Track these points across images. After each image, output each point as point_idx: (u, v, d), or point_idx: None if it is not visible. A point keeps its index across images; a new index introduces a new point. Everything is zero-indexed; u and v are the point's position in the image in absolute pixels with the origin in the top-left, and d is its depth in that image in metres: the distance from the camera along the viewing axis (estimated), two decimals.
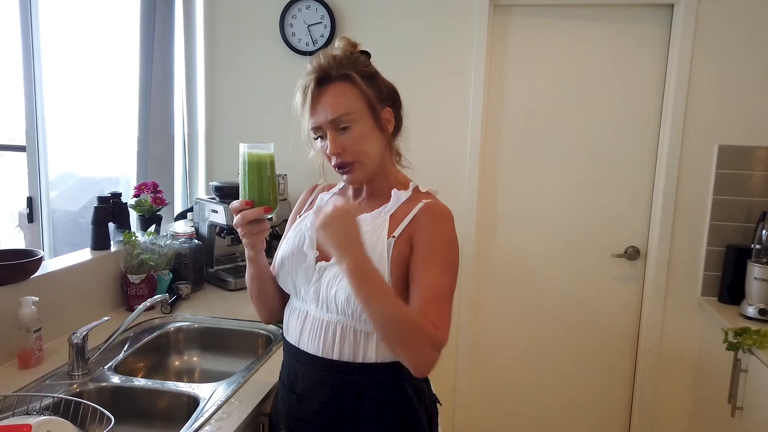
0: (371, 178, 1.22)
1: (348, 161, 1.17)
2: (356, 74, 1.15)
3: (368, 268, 1.02)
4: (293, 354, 1.24)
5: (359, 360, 1.15)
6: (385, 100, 1.20)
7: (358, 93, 1.15)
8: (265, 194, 1.14)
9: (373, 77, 1.19)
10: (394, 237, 1.14)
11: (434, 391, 1.31)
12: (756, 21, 2.28)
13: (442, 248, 1.13)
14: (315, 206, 1.32)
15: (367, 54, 1.23)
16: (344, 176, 1.20)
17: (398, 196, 1.20)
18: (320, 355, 1.18)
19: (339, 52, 1.19)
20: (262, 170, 1.10)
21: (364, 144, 1.16)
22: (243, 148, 1.10)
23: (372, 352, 1.15)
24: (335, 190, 1.35)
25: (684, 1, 2.29)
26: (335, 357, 1.17)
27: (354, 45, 1.21)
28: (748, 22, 2.28)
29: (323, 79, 1.15)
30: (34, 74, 2.12)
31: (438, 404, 1.30)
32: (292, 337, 1.25)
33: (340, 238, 1.02)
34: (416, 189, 1.23)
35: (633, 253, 2.53)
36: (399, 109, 1.25)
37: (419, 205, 1.17)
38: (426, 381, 1.29)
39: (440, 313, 1.07)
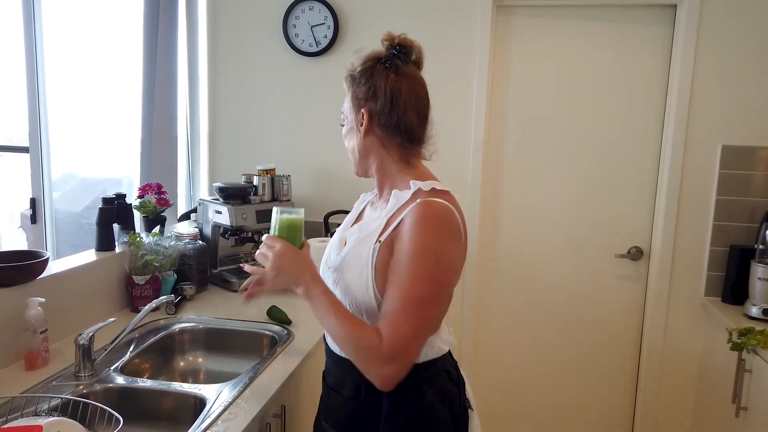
0: (368, 174, 1.28)
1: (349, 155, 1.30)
2: (350, 76, 1.24)
3: (313, 293, 1.15)
4: (326, 348, 1.32)
5: None
6: (366, 100, 1.20)
7: (349, 93, 1.24)
8: None
9: (356, 80, 1.22)
10: (380, 242, 1.14)
11: (469, 396, 1.30)
12: (759, 21, 2.28)
13: (413, 258, 1.09)
14: (354, 207, 1.39)
15: (396, 48, 1.21)
16: None
17: (398, 197, 1.19)
18: (340, 354, 1.22)
19: (370, 51, 1.23)
20: (290, 233, 1.19)
21: (346, 140, 1.28)
22: (276, 213, 1.20)
23: None
24: (372, 193, 1.38)
25: (687, 1, 2.30)
26: None
27: (390, 38, 1.23)
28: (752, 22, 2.29)
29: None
30: (37, 75, 2.11)
31: (470, 409, 1.29)
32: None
33: (290, 277, 1.17)
34: (419, 189, 1.18)
35: (636, 254, 2.53)
36: (386, 107, 1.19)
37: (411, 206, 1.14)
38: (457, 384, 1.27)
39: (391, 325, 1.09)
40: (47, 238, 2.23)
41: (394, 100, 1.19)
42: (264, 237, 1.20)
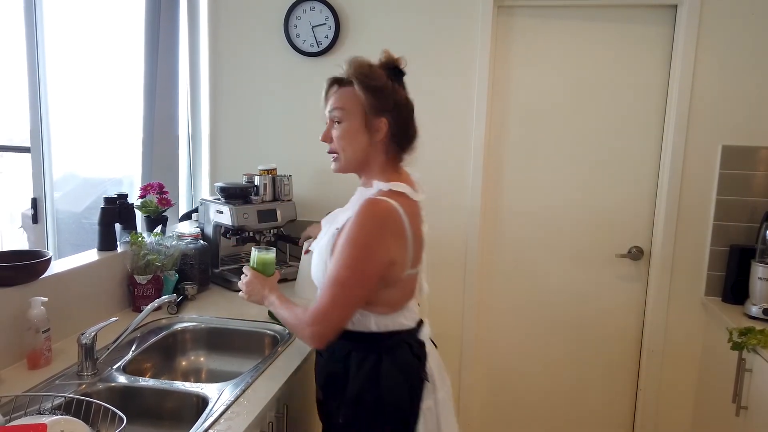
0: (356, 172, 1.43)
1: (333, 150, 1.41)
2: (358, 82, 1.34)
3: (271, 300, 1.48)
4: None
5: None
6: (386, 111, 1.35)
7: (356, 97, 1.35)
8: None
9: (377, 90, 1.34)
10: (338, 229, 1.35)
11: (428, 371, 1.42)
12: (759, 21, 2.29)
13: (343, 246, 1.30)
14: (350, 201, 1.46)
15: (395, 70, 1.39)
16: (332, 164, 1.43)
17: (362, 194, 1.38)
18: None
19: (371, 62, 1.38)
20: (264, 267, 1.57)
21: (346, 140, 1.37)
22: (253, 251, 1.58)
23: (350, 323, 1.36)
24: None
25: (687, 1, 2.30)
26: None
27: (392, 60, 1.39)
28: (752, 22, 2.29)
29: (341, 81, 1.39)
30: (38, 75, 2.11)
31: (426, 381, 1.41)
32: None
33: (256, 298, 1.52)
34: (380, 189, 1.35)
35: (637, 253, 2.53)
36: (403, 121, 1.38)
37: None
38: (419, 357, 1.41)
39: (319, 299, 1.32)
40: (48, 238, 2.23)
41: (411, 115, 1.40)
42: (244, 268, 1.56)
